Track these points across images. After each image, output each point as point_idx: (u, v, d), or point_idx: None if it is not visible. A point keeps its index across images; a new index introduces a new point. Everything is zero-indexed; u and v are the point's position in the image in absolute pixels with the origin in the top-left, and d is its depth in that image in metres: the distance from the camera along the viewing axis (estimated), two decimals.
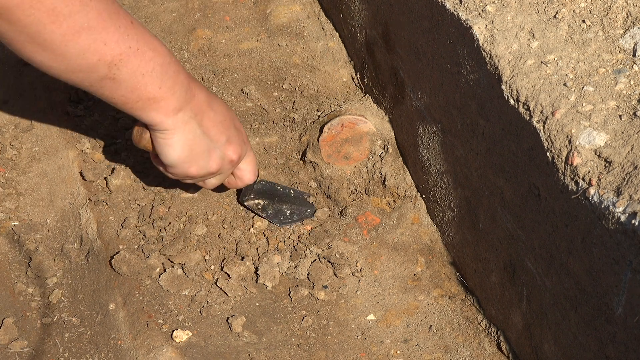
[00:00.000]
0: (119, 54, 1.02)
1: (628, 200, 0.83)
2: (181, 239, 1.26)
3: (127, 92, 1.06)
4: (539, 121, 0.95)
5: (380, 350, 1.18)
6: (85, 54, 1.00)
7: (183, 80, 1.11)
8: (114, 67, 1.02)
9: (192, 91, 1.12)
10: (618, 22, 1.02)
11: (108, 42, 1.00)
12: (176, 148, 1.13)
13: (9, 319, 1.18)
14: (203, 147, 1.15)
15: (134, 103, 1.08)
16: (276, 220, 1.32)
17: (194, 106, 1.13)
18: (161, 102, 1.09)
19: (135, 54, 1.03)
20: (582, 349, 0.96)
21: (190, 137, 1.13)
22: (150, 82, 1.07)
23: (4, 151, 1.39)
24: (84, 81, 1.04)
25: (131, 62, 1.04)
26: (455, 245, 1.28)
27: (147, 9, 1.65)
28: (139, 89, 1.06)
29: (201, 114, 1.14)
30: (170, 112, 1.10)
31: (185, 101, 1.11)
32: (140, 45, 1.04)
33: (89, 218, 1.30)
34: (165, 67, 1.08)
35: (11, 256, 1.27)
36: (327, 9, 1.62)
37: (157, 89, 1.08)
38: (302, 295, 1.24)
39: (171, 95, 1.09)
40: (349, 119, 1.40)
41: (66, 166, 1.37)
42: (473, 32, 1.06)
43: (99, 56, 1.01)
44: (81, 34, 0.98)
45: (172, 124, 1.11)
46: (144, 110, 1.09)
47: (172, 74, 1.09)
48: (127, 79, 1.05)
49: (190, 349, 1.15)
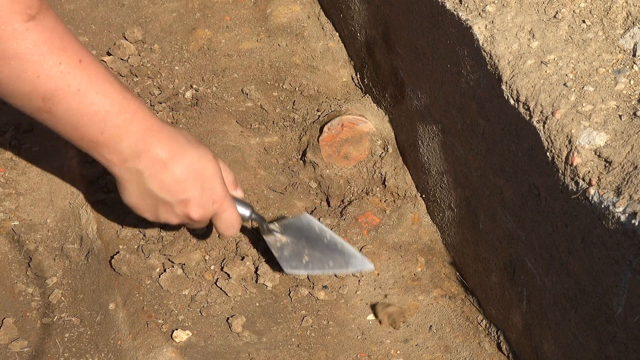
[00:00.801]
0: (53, 89, 0.98)
1: (628, 200, 0.83)
2: (181, 239, 1.26)
3: (69, 130, 1.02)
4: (539, 121, 0.95)
5: (380, 350, 1.18)
6: (17, 83, 0.96)
7: (135, 131, 1.04)
8: (49, 101, 0.99)
9: (148, 144, 1.06)
10: (618, 22, 1.02)
11: (41, 75, 0.97)
12: (124, 194, 1.10)
13: (9, 319, 1.18)
14: (152, 201, 1.10)
15: (79, 141, 1.04)
16: (287, 264, 1.23)
17: (144, 160, 1.06)
18: (105, 149, 1.04)
19: (74, 94, 0.99)
20: (582, 349, 0.96)
21: (137, 190, 1.09)
22: (91, 126, 1.02)
23: (4, 151, 1.39)
24: (24, 108, 1.01)
25: (68, 101, 0.99)
26: (455, 245, 1.28)
27: (147, 9, 1.65)
28: (79, 130, 1.02)
29: (153, 170, 1.07)
30: (115, 161, 1.05)
31: (133, 154, 1.05)
32: (84, 87, 0.99)
33: (89, 218, 1.30)
34: (112, 115, 1.02)
35: (11, 256, 1.27)
36: (327, 9, 1.62)
37: (99, 135, 1.03)
38: (302, 295, 1.24)
39: (116, 144, 1.04)
40: (349, 119, 1.40)
41: (66, 166, 1.37)
42: (473, 32, 1.06)
43: (31, 87, 0.97)
44: (10, 62, 0.95)
45: (117, 172, 1.07)
46: (90, 151, 1.05)
47: (121, 122, 1.03)
48: (65, 117, 1.01)
49: (190, 349, 1.15)
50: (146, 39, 1.59)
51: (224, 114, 1.46)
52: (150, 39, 1.59)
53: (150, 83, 1.50)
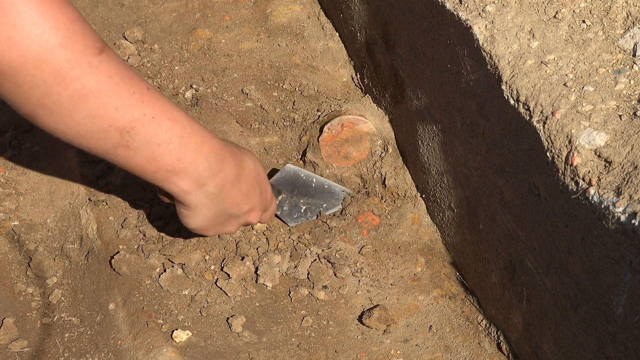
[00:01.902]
0: (131, 120, 0.97)
1: (628, 200, 0.83)
2: (181, 239, 1.26)
3: (144, 162, 1.01)
4: (539, 121, 0.95)
5: (380, 350, 1.18)
6: (95, 119, 0.95)
7: (208, 153, 1.04)
8: (127, 134, 0.97)
9: (220, 164, 1.06)
10: (618, 22, 1.02)
11: (119, 107, 0.95)
12: (196, 220, 1.09)
13: (9, 319, 1.18)
14: (223, 219, 1.12)
15: (153, 174, 1.02)
16: (289, 218, 1.31)
17: (219, 181, 1.06)
18: (181, 175, 1.03)
19: (150, 122, 0.98)
20: (582, 349, 0.96)
21: (211, 212, 1.09)
22: (167, 154, 1.01)
23: (4, 151, 1.39)
24: (98, 148, 0.99)
25: (145, 131, 0.98)
26: (455, 245, 1.28)
27: (147, 9, 1.65)
28: (155, 160, 1.01)
29: (227, 188, 1.08)
30: (192, 186, 1.04)
31: (209, 176, 1.05)
32: (157, 114, 0.99)
33: (89, 218, 1.30)
34: (185, 138, 1.01)
35: (11, 256, 1.27)
36: (327, 9, 1.62)
37: (176, 161, 1.02)
38: (302, 295, 1.24)
39: (193, 169, 1.03)
40: (349, 119, 1.40)
41: (66, 166, 1.37)
42: (473, 32, 1.06)
43: (109, 122, 0.96)
44: (89, 98, 0.93)
45: (193, 199, 1.06)
46: (165, 182, 1.04)
47: (194, 145, 1.02)
48: (142, 148, 0.99)
49: (190, 349, 1.15)
50: (146, 39, 1.59)
51: (224, 114, 1.46)
52: (150, 39, 1.59)
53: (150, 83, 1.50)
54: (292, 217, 1.31)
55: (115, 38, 1.58)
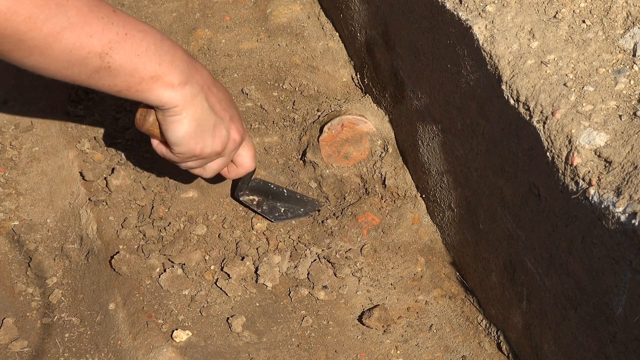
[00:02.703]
0: (107, 42, 1.02)
1: (628, 200, 0.83)
2: (181, 239, 1.26)
3: (128, 77, 1.06)
4: (539, 121, 0.95)
5: (380, 350, 1.18)
6: (73, 51, 1.00)
7: (182, 55, 1.10)
8: (106, 55, 1.02)
9: (194, 64, 1.12)
10: (618, 22, 1.02)
11: (93, 34, 1.00)
12: (184, 123, 1.12)
13: (9, 319, 1.18)
14: (210, 122, 1.15)
15: (138, 86, 1.07)
16: (271, 215, 1.33)
17: (199, 79, 1.12)
18: (165, 78, 1.08)
19: (124, 38, 1.03)
20: (582, 349, 0.96)
21: (198, 112, 1.12)
22: (148, 61, 1.06)
23: (4, 151, 1.39)
24: (81, 75, 1.04)
25: (122, 47, 1.03)
26: (455, 245, 1.28)
27: (147, 9, 1.65)
28: (138, 71, 1.06)
29: (207, 87, 1.13)
30: (177, 86, 1.09)
31: (189, 74, 1.10)
32: (128, 30, 1.04)
33: (89, 218, 1.30)
34: (159, 44, 1.07)
35: (11, 256, 1.27)
36: (327, 9, 1.62)
37: (157, 66, 1.07)
38: (302, 295, 1.24)
39: (173, 69, 1.08)
40: (349, 119, 1.40)
41: (66, 166, 1.37)
42: (473, 32, 1.06)
43: (88, 49, 1.01)
44: (64, 34, 0.98)
45: (181, 98, 1.10)
46: (150, 91, 1.08)
47: (168, 48, 1.08)
48: (123, 64, 1.04)
49: (190, 349, 1.15)
50: None
51: None
52: None
53: None
54: (274, 215, 1.33)
55: None
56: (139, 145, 1.40)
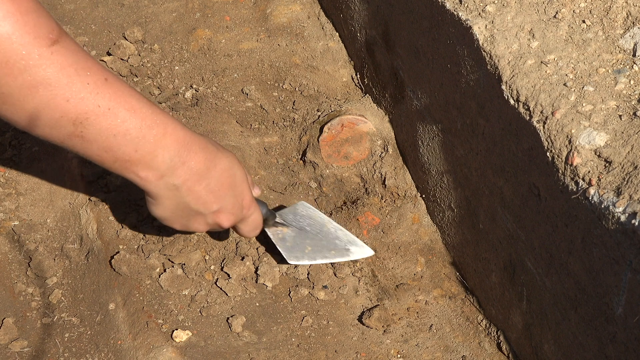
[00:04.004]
0: (84, 112, 0.95)
1: (628, 200, 0.83)
2: (181, 239, 1.26)
3: (101, 152, 1.00)
4: (539, 121, 0.95)
5: (380, 350, 1.18)
6: (46, 110, 0.94)
7: (170, 145, 1.02)
8: (80, 125, 0.96)
9: (183, 157, 1.04)
10: (618, 22, 1.02)
11: (71, 99, 0.94)
12: (159, 209, 1.08)
13: (9, 319, 1.18)
14: (188, 214, 1.09)
15: (112, 164, 1.01)
16: (289, 254, 1.23)
17: (182, 174, 1.04)
18: (140, 166, 1.01)
19: (105, 113, 0.97)
20: (582, 349, 0.96)
21: (173, 204, 1.07)
22: (124, 144, 0.99)
23: (4, 151, 1.39)
24: (53, 137, 0.98)
25: (100, 122, 0.97)
26: (455, 245, 1.28)
27: (147, 9, 1.65)
28: (112, 150, 0.99)
29: (191, 182, 1.06)
30: (151, 177, 1.03)
31: (169, 168, 1.03)
32: (113, 105, 0.97)
33: (89, 218, 1.30)
34: (144, 130, 1.00)
35: (11, 256, 1.27)
36: (327, 9, 1.62)
37: (133, 152, 1.00)
38: (302, 295, 1.24)
39: (151, 159, 1.01)
40: (349, 119, 1.40)
41: (66, 166, 1.37)
42: (473, 32, 1.06)
43: (60, 113, 0.95)
44: (39, 89, 0.92)
45: (154, 189, 1.04)
46: (124, 172, 1.03)
47: (154, 137, 1.01)
48: (97, 139, 0.98)
49: (190, 349, 1.15)
50: (146, 39, 1.59)
51: (224, 114, 1.46)
52: (150, 39, 1.59)
53: (150, 83, 1.50)
54: (294, 254, 1.23)
55: (115, 38, 1.58)
56: None
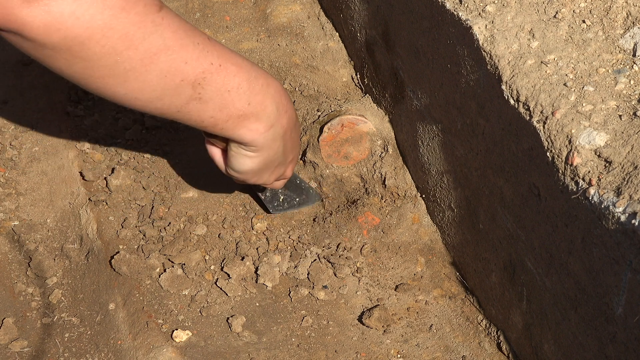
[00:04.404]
0: (201, 71, 0.97)
1: (628, 200, 0.83)
2: (181, 239, 1.26)
3: (216, 112, 1.01)
4: (539, 121, 0.95)
5: (380, 350, 1.18)
6: (167, 77, 0.95)
7: (273, 94, 1.05)
8: (198, 86, 0.98)
9: (285, 106, 1.07)
10: (618, 22, 1.02)
11: (189, 60, 0.96)
12: (254, 161, 1.10)
13: (9, 319, 1.18)
14: (276, 163, 1.13)
15: (224, 123, 1.03)
16: (270, 205, 1.32)
17: (284, 123, 1.08)
18: (252, 119, 1.03)
19: (218, 70, 0.99)
20: (582, 349, 0.96)
21: (271, 154, 1.10)
22: (237, 99, 1.01)
23: (4, 151, 1.39)
24: (171, 107, 0.99)
25: (215, 79, 0.99)
26: (455, 245, 1.28)
27: None
28: (227, 107, 1.01)
29: (288, 132, 1.10)
30: (262, 129, 1.05)
31: (277, 117, 1.06)
32: (222, 61, 0.99)
33: (89, 218, 1.30)
34: (252, 82, 1.02)
35: (11, 256, 1.27)
36: (327, 9, 1.62)
37: (247, 105, 1.02)
38: (302, 295, 1.24)
39: (262, 110, 1.04)
40: (349, 119, 1.40)
41: (66, 166, 1.37)
42: (473, 32, 1.06)
43: (181, 76, 0.96)
44: (160, 56, 0.93)
45: (262, 142, 1.06)
46: (235, 129, 1.04)
47: (260, 88, 1.03)
48: (214, 98, 1.00)
49: (190, 349, 1.15)
50: None
51: None
52: None
53: None
54: (273, 204, 1.32)
55: None
56: (139, 145, 1.40)
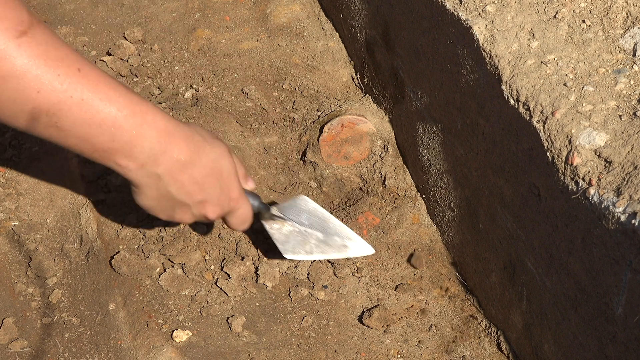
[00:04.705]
0: (56, 102, 0.93)
1: (628, 200, 0.83)
2: (181, 239, 1.26)
3: (78, 142, 0.98)
4: (539, 121, 0.95)
5: (380, 350, 1.18)
6: (17, 102, 0.92)
7: (148, 134, 1.00)
8: (54, 116, 0.94)
9: (163, 146, 1.02)
10: (618, 22, 1.02)
11: (41, 90, 0.92)
12: (142, 198, 1.06)
13: (9, 319, 1.18)
14: (172, 204, 1.08)
15: (91, 153, 0.99)
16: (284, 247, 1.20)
17: (163, 163, 1.02)
18: (119, 155, 0.99)
19: (79, 104, 0.95)
20: (582, 349, 0.96)
21: (156, 194, 1.05)
22: (100, 135, 0.97)
23: (4, 151, 1.39)
24: (29, 129, 0.96)
25: (73, 113, 0.95)
26: (455, 245, 1.28)
27: (147, 9, 1.65)
28: (89, 140, 0.98)
29: (172, 172, 1.04)
30: (131, 165, 1.01)
31: (150, 157, 1.01)
32: (87, 95, 0.95)
33: (89, 218, 1.30)
34: (120, 121, 0.97)
35: (11, 256, 1.27)
36: (327, 9, 1.62)
37: (110, 142, 0.98)
38: (302, 295, 1.24)
39: (130, 149, 0.99)
40: (349, 119, 1.40)
41: (66, 166, 1.37)
42: (473, 32, 1.06)
43: (32, 104, 0.93)
44: (8, 81, 0.90)
45: (134, 177, 1.02)
46: (104, 161, 1.01)
47: (131, 126, 0.98)
48: (72, 130, 0.96)
49: (190, 349, 1.15)
50: (146, 39, 1.59)
51: (224, 114, 1.46)
52: (150, 39, 1.59)
53: (150, 83, 1.50)
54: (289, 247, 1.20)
55: (115, 38, 1.58)
56: None
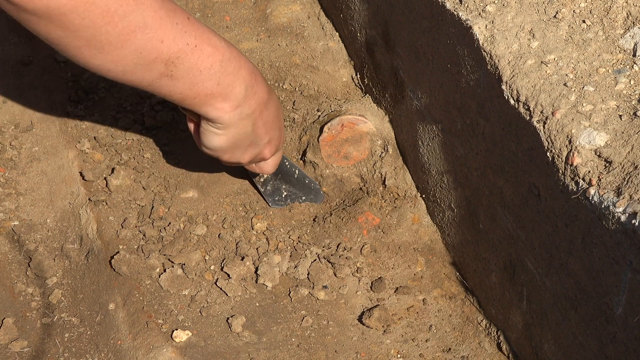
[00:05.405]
0: (176, 51, 1.01)
1: (628, 200, 0.83)
2: (181, 239, 1.26)
3: (185, 89, 1.06)
4: (539, 121, 0.95)
5: (380, 350, 1.18)
6: (142, 53, 0.99)
7: (244, 77, 1.10)
8: (171, 64, 1.02)
9: (254, 88, 1.12)
10: (618, 22, 1.02)
11: (165, 39, 0.99)
12: (221, 138, 1.14)
13: (9, 319, 1.18)
14: (246, 142, 1.17)
15: (192, 99, 1.07)
16: (270, 199, 1.34)
17: (252, 104, 1.12)
18: (219, 98, 1.08)
19: (192, 50, 1.03)
20: (582, 349, 0.96)
21: (239, 133, 1.14)
22: (207, 79, 1.06)
23: (4, 151, 1.39)
24: (142, 81, 1.03)
25: (188, 59, 1.03)
26: (455, 245, 1.28)
27: None
28: (196, 86, 1.06)
29: (257, 112, 1.14)
30: (228, 108, 1.10)
31: (244, 98, 1.11)
32: (199, 42, 1.03)
33: (89, 218, 1.30)
34: (225, 64, 1.07)
35: (11, 256, 1.27)
36: (327, 9, 1.62)
37: (215, 86, 1.07)
38: (302, 295, 1.24)
39: (230, 91, 1.09)
40: (349, 119, 1.40)
41: (66, 166, 1.37)
42: (473, 32, 1.06)
43: (156, 54, 1.00)
44: (137, 33, 0.96)
45: (228, 120, 1.11)
46: (202, 106, 1.09)
47: (232, 70, 1.08)
48: (185, 76, 1.04)
49: (190, 349, 1.15)
50: None
51: None
52: None
53: None
54: (273, 198, 1.34)
55: None
56: (139, 145, 1.40)
